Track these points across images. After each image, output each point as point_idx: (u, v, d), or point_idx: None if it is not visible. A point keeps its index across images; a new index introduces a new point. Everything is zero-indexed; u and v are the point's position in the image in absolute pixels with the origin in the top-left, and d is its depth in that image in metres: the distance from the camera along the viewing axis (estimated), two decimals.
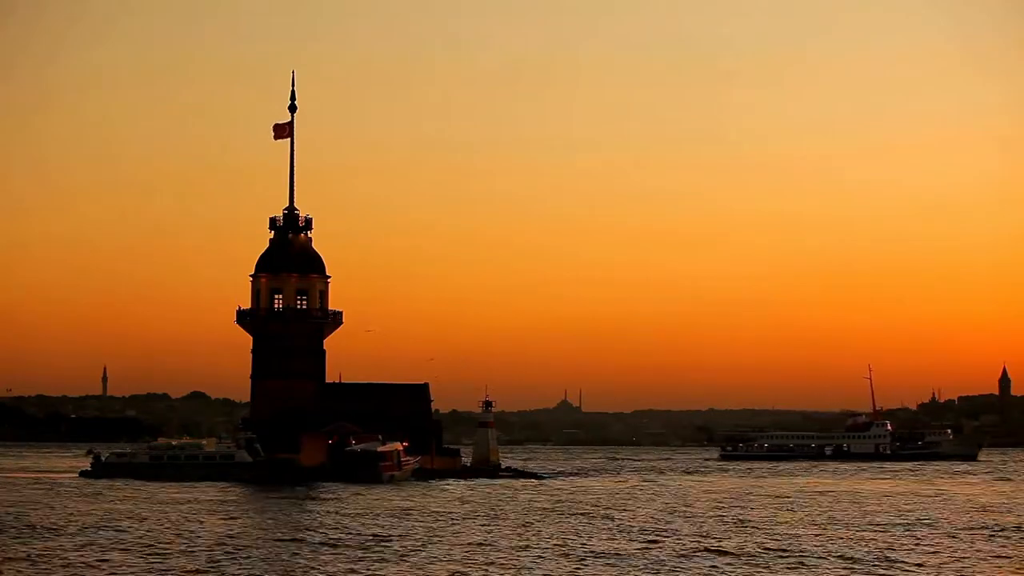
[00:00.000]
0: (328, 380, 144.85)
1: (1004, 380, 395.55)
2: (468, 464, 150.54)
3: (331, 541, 67.41)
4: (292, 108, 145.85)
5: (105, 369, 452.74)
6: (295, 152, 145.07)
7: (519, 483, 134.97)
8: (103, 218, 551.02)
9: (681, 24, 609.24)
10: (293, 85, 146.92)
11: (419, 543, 66.62)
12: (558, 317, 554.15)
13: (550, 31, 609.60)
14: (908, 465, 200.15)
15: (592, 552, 63.02)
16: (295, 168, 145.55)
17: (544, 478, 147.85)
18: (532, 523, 79.99)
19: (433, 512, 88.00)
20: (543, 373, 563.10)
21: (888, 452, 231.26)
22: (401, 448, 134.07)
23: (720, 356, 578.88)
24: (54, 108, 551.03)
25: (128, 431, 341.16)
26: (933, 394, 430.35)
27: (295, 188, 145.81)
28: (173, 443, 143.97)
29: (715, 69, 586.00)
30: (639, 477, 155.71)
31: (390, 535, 70.76)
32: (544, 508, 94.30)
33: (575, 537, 70.44)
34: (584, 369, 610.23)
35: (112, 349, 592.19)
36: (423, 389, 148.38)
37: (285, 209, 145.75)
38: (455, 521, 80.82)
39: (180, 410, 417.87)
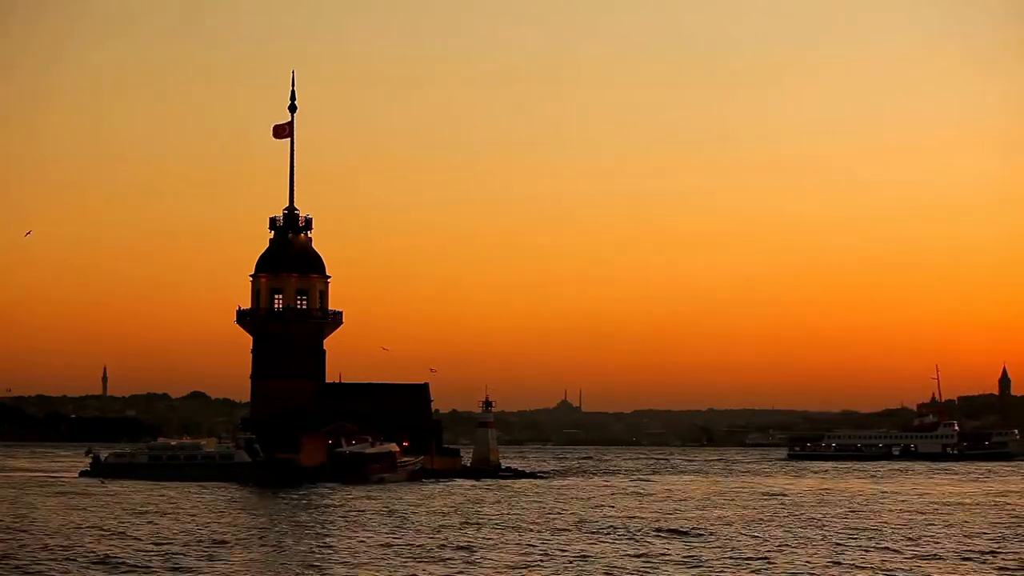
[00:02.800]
0: (328, 380, 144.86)
1: (1004, 380, 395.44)
2: (468, 464, 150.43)
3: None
4: (292, 108, 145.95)
5: (105, 369, 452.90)
6: (295, 152, 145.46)
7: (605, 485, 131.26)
8: (103, 218, 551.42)
9: (682, 25, 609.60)
10: (293, 85, 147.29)
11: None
12: (558, 317, 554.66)
13: (551, 31, 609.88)
14: (993, 466, 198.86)
15: None
16: (295, 168, 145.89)
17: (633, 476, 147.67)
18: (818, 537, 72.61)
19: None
20: (543, 373, 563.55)
21: (956, 452, 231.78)
22: (397, 449, 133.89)
23: (720, 356, 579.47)
24: (54, 108, 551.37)
25: (128, 431, 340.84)
26: (933, 394, 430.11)
27: (295, 188, 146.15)
28: (172, 443, 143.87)
29: (714, 70, 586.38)
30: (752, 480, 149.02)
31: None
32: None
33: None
34: (584, 369, 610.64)
35: (112, 349, 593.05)
36: (423, 389, 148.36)
37: (285, 209, 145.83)
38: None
39: (180, 410, 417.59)
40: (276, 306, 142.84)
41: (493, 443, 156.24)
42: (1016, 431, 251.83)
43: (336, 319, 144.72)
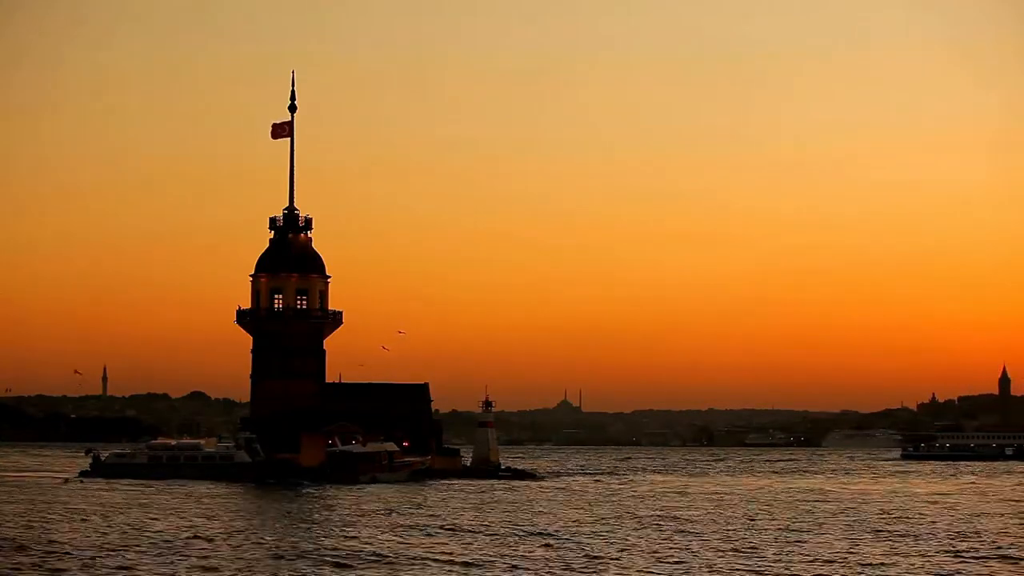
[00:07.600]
0: (328, 380, 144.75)
1: (1004, 380, 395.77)
2: (468, 464, 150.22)
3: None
4: (292, 108, 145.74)
5: (105, 369, 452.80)
6: (295, 152, 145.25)
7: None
8: (103, 218, 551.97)
9: (687, 27, 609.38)
10: (293, 85, 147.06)
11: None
12: (558, 317, 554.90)
13: (555, 31, 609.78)
14: None
15: None
16: (295, 168, 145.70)
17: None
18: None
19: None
20: (543, 373, 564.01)
21: None
22: (395, 449, 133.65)
23: (720, 356, 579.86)
24: (54, 109, 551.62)
25: (128, 431, 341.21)
26: (933, 394, 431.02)
27: (295, 188, 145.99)
28: (172, 443, 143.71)
29: (715, 73, 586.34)
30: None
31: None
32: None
33: None
34: (584, 369, 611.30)
35: (112, 349, 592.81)
36: (423, 389, 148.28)
37: (285, 209, 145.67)
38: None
39: (180, 410, 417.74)
40: (276, 306, 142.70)
41: (493, 443, 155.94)
42: None
43: (336, 319, 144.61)
